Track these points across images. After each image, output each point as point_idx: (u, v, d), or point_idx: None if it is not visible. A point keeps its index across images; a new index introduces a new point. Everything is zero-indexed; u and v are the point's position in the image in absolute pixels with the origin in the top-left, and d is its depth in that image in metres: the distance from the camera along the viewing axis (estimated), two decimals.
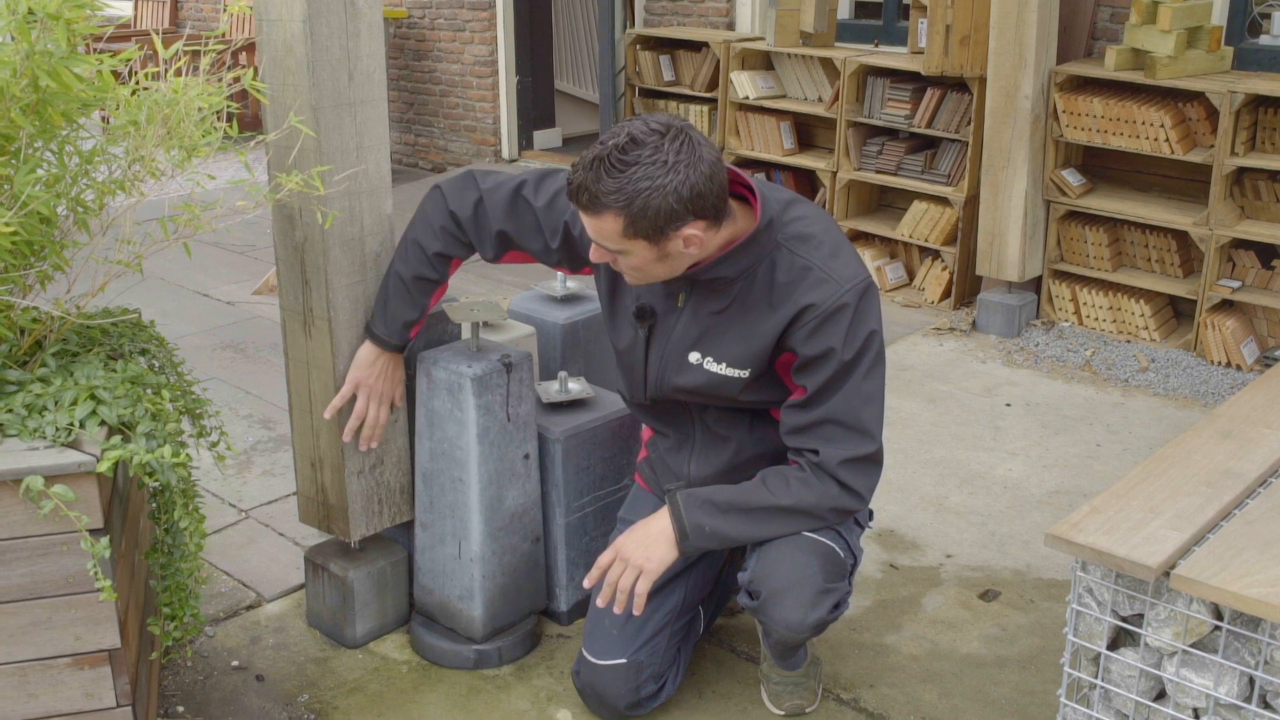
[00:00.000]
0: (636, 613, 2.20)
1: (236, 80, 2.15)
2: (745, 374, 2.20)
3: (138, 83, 2.10)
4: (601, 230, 2.02)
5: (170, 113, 2.06)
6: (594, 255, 2.13)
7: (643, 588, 2.17)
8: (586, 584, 2.25)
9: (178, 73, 2.10)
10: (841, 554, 2.23)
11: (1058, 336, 4.67)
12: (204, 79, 2.11)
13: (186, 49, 2.16)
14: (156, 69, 2.15)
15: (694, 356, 2.23)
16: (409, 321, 2.43)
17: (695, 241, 2.04)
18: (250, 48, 7.59)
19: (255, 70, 2.24)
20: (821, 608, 2.17)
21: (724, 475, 2.34)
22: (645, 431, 2.55)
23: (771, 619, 2.19)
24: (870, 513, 2.44)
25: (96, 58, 2.04)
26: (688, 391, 2.27)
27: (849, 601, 2.28)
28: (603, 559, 2.22)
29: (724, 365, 2.20)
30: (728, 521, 2.17)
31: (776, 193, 2.21)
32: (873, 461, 2.17)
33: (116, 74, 2.09)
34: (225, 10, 8.76)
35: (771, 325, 2.14)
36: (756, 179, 2.18)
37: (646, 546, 2.18)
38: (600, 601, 2.22)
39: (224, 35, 2.23)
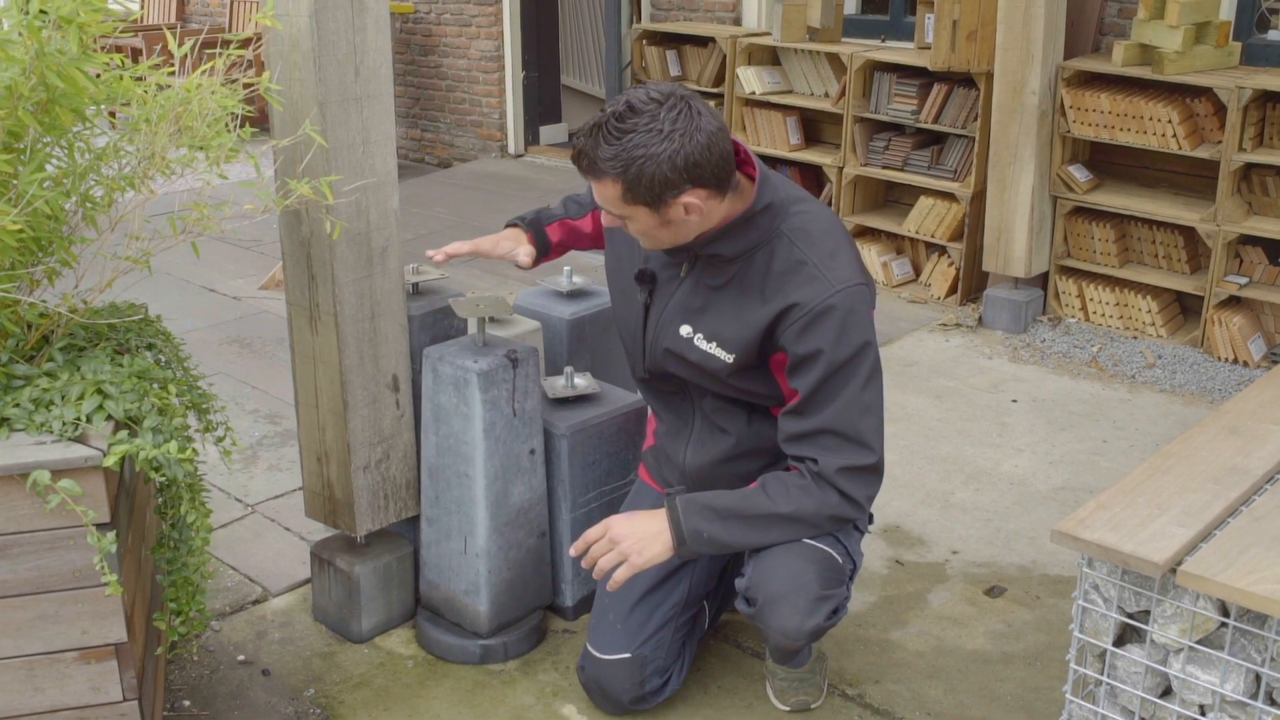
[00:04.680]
0: (610, 589, 2.20)
1: (249, 86, 2.15)
2: (731, 359, 2.19)
3: (156, 83, 2.10)
4: (604, 195, 2.08)
5: (183, 111, 2.06)
6: (604, 219, 2.19)
7: (621, 576, 2.16)
8: (572, 553, 2.24)
9: (203, 72, 2.10)
10: (839, 560, 2.23)
11: (1064, 332, 4.66)
12: (219, 79, 2.11)
13: (204, 49, 2.16)
14: (171, 69, 2.15)
15: (685, 330, 2.24)
16: (548, 213, 2.61)
17: (695, 210, 2.07)
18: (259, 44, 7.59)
19: (270, 75, 2.24)
20: (818, 615, 2.16)
21: (719, 466, 2.34)
22: (652, 421, 2.55)
23: (768, 625, 2.18)
24: (870, 516, 2.44)
25: (107, 57, 2.04)
26: (678, 361, 2.27)
27: (847, 607, 2.26)
28: (591, 533, 2.20)
29: (713, 345, 2.21)
30: (726, 528, 2.16)
31: (789, 187, 2.21)
32: (873, 472, 2.16)
33: (136, 78, 2.10)
34: (234, 6, 8.77)
35: (760, 316, 2.14)
36: (771, 171, 2.19)
37: (642, 541, 2.16)
38: (585, 562, 2.21)
39: (246, 37, 2.22)
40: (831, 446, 2.12)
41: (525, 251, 2.54)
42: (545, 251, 2.61)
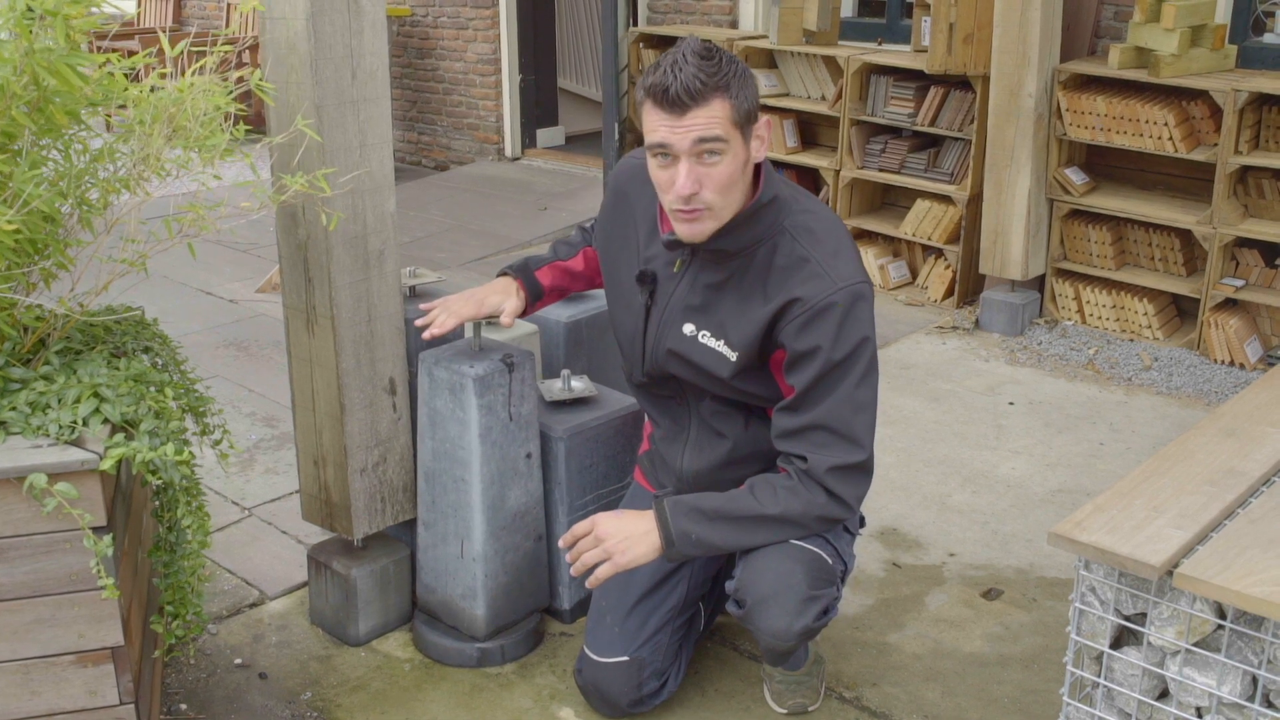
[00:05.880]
0: (589, 586, 2.20)
1: (241, 80, 2.15)
2: (734, 356, 2.19)
3: (151, 85, 2.10)
4: (711, 120, 2.03)
5: (176, 112, 2.06)
6: (684, 183, 2.06)
7: (603, 574, 2.16)
8: (561, 544, 2.24)
9: (184, 73, 2.10)
10: (829, 561, 2.22)
11: (1061, 335, 4.67)
12: (209, 78, 2.10)
13: (193, 49, 2.16)
14: (165, 70, 2.15)
15: (688, 328, 2.24)
16: (537, 259, 2.59)
17: (763, 140, 2.13)
18: (255, 46, 7.60)
19: (260, 72, 2.24)
20: (807, 615, 2.16)
21: (717, 471, 2.34)
22: (648, 425, 2.55)
23: (757, 627, 2.18)
24: (862, 519, 2.43)
25: (103, 56, 2.04)
26: (680, 361, 2.26)
27: (838, 608, 2.26)
28: (578, 528, 2.20)
29: (720, 342, 2.21)
30: (714, 529, 2.15)
31: (791, 187, 2.23)
32: (862, 470, 2.16)
33: (127, 75, 2.09)
34: (234, 8, 8.77)
35: (763, 313, 2.14)
36: (773, 169, 2.21)
37: (628, 540, 2.16)
38: (569, 556, 2.21)
39: (232, 36, 2.23)
40: (822, 443, 2.12)
41: (510, 309, 2.48)
42: (538, 297, 2.56)
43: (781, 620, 2.15)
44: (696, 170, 2.06)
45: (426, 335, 2.43)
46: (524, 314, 2.55)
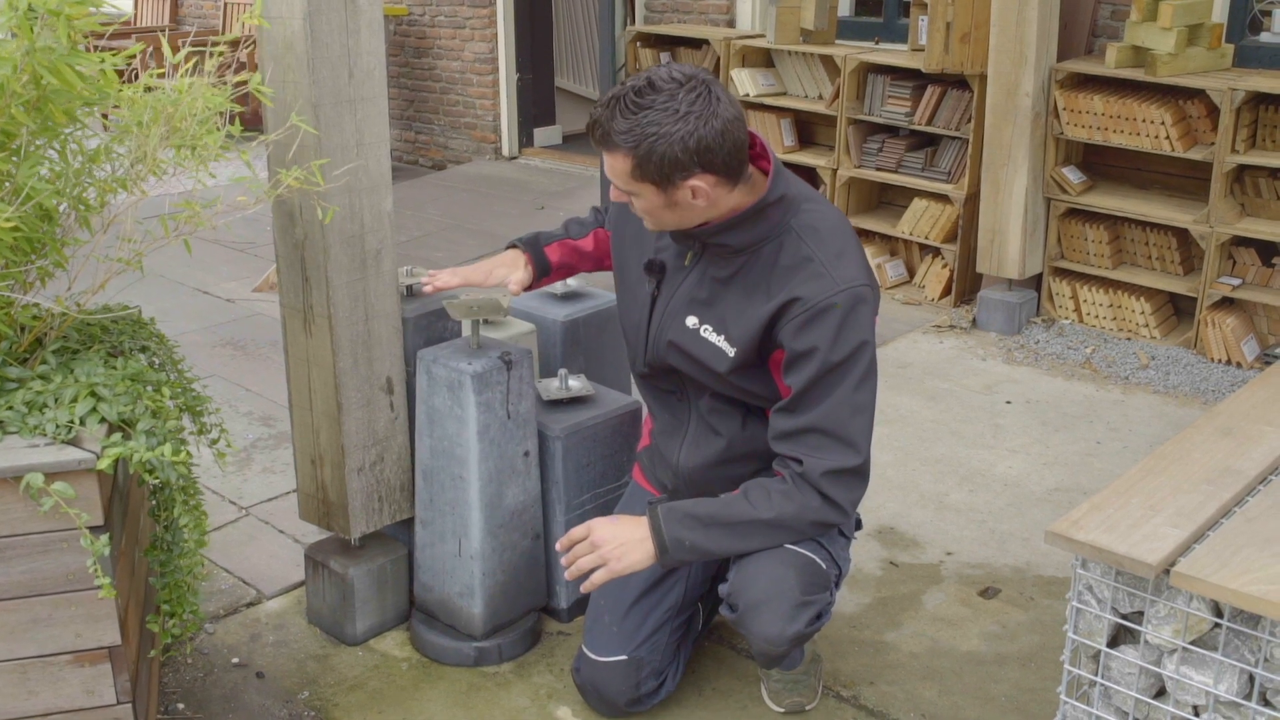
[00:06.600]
0: (584, 590, 2.21)
1: (242, 83, 2.15)
2: (733, 352, 2.19)
3: (146, 85, 2.10)
4: (613, 168, 2.07)
5: (173, 112, 2.06)
6: (613, 193, 2.17)
7: (598, 579, 2.16)
8: (557, 548, 2.25)
9: (186, 73, 2.10)
10: (823, 565, 2.22)
11: (1058, 334, 4.67)
12: (209, 80, 2.10)
13: (193, 50, 2.16)
14: (161, 70, 2.14)
15: (691, 321, 2.24)
16: (547, 234, 2.60)
17: (702, 194, 2.07)
18: (253, 46, 7.59)
19: (260, 75, 2.24)
20: (799, 620, 2.15)
21: (712, 469, 2.34)
22: (648, 421, 2.55)
23: (750, 632, 2.18)
24: (859, 520, 2.43)
25: (98, 55, 2.04)
26: (679, 354, 2.26)
27: (831, 613, 2.25)
28: (575, 533, 2.21)
29: (721, 338, 2.21)
30: (708, 535, 2.15)
31: (801, 185, 2.22)
32: (857, 475, 2.15)
33: (120, 73, 2.09)
34: (233, 8, 8.76)
35: (764, 310, 2.14)
36: (785, 168, 2.20)
37: (622, 547, 2.16)
38: (565, 560, 2.21)
39: (234, 40, 2.23)
40: (818, 446, 2.12)
41: (517, 280, 2.52)
42: (545, 273, 2.59)
43: (774, 626, 2.14)
44: (617, 187, 2.13)
45: (428, 290, 2.52)
46: (529, 288, 2.58)
